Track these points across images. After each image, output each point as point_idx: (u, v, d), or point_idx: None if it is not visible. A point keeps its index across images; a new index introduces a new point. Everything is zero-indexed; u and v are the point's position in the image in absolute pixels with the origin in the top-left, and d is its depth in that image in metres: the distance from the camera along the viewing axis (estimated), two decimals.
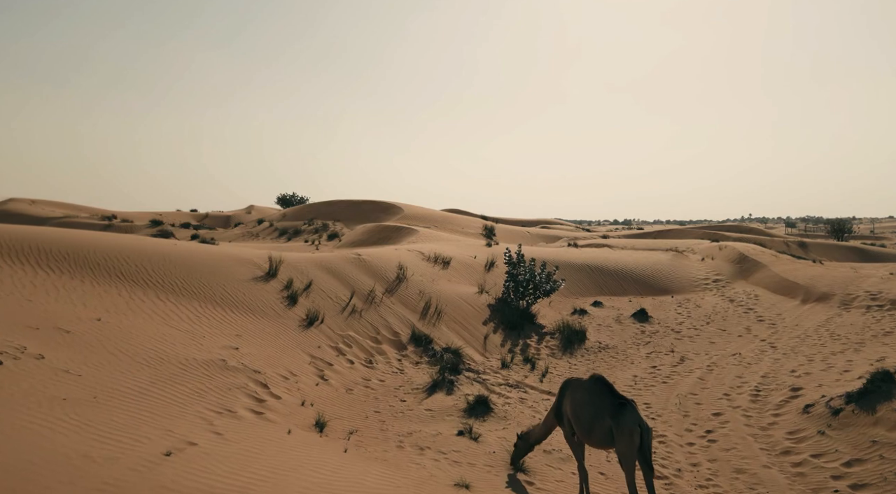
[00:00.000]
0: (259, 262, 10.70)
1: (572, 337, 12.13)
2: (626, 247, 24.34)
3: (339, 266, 11.92)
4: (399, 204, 34.72)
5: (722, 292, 16.72)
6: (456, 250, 17.44)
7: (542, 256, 18.09)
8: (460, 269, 15.08)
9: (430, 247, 16.66)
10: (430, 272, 13.70)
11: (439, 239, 20.69)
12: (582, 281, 17.41)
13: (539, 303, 14.02)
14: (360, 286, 11.47)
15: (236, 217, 50.44)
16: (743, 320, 13.63)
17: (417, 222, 31.45)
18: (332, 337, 9.37)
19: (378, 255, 13.23)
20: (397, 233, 22.20)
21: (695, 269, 19.03)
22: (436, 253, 15.08)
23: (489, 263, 16.22)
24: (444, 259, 14.98)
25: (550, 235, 37.77)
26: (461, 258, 16.03)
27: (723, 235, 35.78)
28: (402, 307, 11.34)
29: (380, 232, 23.02)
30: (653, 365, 10.67)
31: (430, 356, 9.84)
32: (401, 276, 12.42)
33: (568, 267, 17.63)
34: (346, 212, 35.60)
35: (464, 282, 14.23)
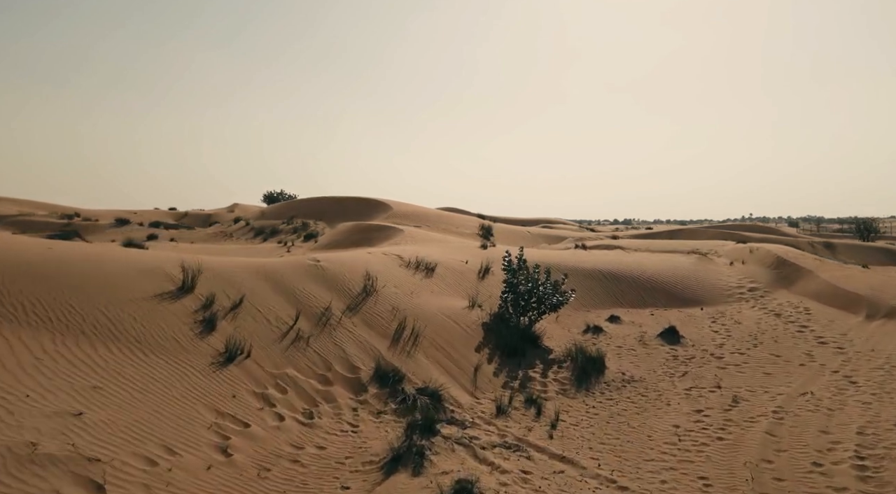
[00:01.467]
0: (173, 272, 8.11)
1: (588, 366, 9.58)
2: (641, 248, 21.80)
3: (287, 276, 9.34)
4: (387, 201, 32.16)
5: (762, 304, 14.17)
6: (445, 253, 14.88)
7: (546, 260, 15.55)
8: (448, 277, 12.52)
9: (414, 250, 14.09)
10: (408, 282, 11.13)
11: (427, 240, 18.21)
12: (594, 291, 14.85)
13: (544, 319, 11.47)
14: (313, 302, 8.90)
15: (218, 215, 47.85)
16: (799, 342, 11.07)
17: (407, 221, 28.89)
18: (261, 378, 6.80)
19: (343, 261, 10.64)
20: (380, 233, 19.65)
21: (725, 275, 16.49)
22: (418, 258, 12.51)
23: (484, 269, 13.65)
24: (428, 264, 12.40)
25: (553, 235, 35.24)
26: (450, 263, 13.46)
27: (740, 235, 33.24)
28: (367, 330, 8.77)
29: (360, 231, 20.47)
30: (697, 409, 8.10)
31: (398, 401, 7.27)
32: (368, 288, 9.85)
33: (577, 273, 15.08)
34: (330, 210, 33.02)
35: (451, 294, 11.66)
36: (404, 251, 13.48)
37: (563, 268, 15.41)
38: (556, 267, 15.49)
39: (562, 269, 15.29)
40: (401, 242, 17.51)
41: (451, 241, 17.92)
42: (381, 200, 32.11)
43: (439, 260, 13.30)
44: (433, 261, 12.63)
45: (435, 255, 13.96)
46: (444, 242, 17.62)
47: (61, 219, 34.24)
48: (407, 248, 14.57)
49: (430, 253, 14.03)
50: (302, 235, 25.42)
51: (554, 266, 15.47)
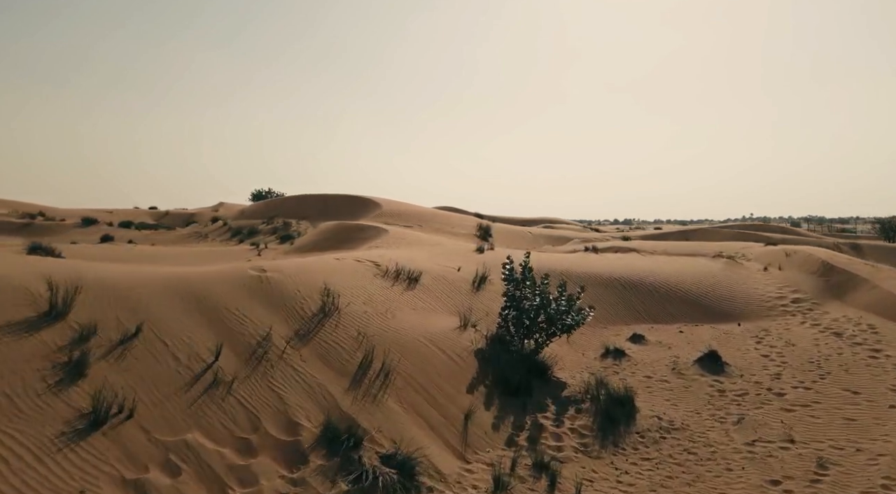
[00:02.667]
0: (41, 291, 5.90)
1: (613, 408, 7.42)
2: (657, 251, 19.64)
3: (216, 292, 7.16)
4: (377, 199, 29.97)
5: (813, 319, 12.01)
6: (434, 258, 12.70)
7: (553, 266, 13.38)
8: (435, 289, 10.34)
9: (396, 255, 11.91)
10: (383, 296, 8.94)
11: (416, 242, 16.06)
12: (611, 303, 12.69)
13: (554, 341, 9.31)
14: (247, 329, 6.71)
15: (200, 215, 45.63)
16: (877, 372, 8.91)
17: (397, 220, 26.71)
18: (142, 452, 4.61)
19: (299, 271, 8.45)
20: (362, 234, 17.47)
21: (760, 284, 14.34)
22: (399, 265, 10.33)
23: (480, 278, 11.48)
24: (410, 273, 10.22)
25: (556, 236, 33.08)
26: (438, 271, 11.29)
27: (757, 235, 31.09)
28: (320, 366, 6.59)
29: (340, 232, 18.30)
30: (773, 480, 5.92)
31: (352, 480, 5.09)
32: (327, 307, 7.67)
33: (590, 281, 12.92)
34: (315, 208, 30.81)
35: (438, 311, 9.49)
36: (384, 256, 11.29)
37: (574, 275, 13.27)
38: (566, 274, 13.33)
39: (572, 276, 13.15)
40: (383, 245, 15.34)
41: (444, 244, 15.79)
42: (369, 198, 29.91)
43: (426, 267, 11.12)
44: (417, 269, 10.45)
45: (421, 261, 11.78)
46: (435, 245, 15.48)
47: (22, 218, 31.97)
48: (388, 253, 12.39)
49: (415, 259, 11.85)
50: (279, 236, 23.26)
51: (562, 273, 13.30)
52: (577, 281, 13.00)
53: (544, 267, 13.29)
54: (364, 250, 14.04)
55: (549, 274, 9.76)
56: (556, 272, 13.29)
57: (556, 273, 13.23)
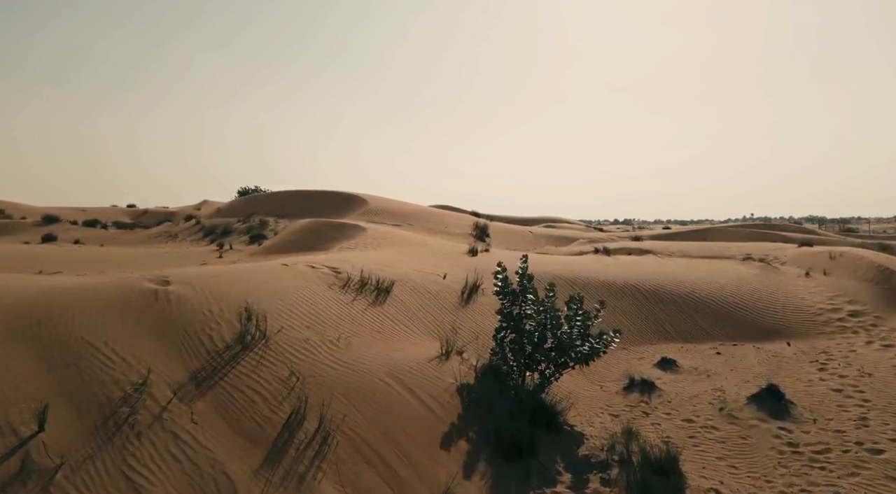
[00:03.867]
0: None
1: (652, 478, 5.30)
2: (674, 253, 17.52)
3: (74, 319, 5.01)
4: (363, 195, 27.86)
5: (881, 338, 9.91)
6: (415, 262, 10.59)
7: (559, 271, 11.29)
8: (411, 303, 8.21)
9: (369, 259, 9.79)
10: (336, 317, 6.81)
11: (399, 242, 13.95)
12: (631, 316, 10.58)
13: (566, 373, 7.20)
14: (113, 374, 4.58)
15: (182, 213, 43.51)
16: None
17: (384, 219, 24.60)
18: None
19: (215, 283, 6.31)
20: (337, 233, 15.35)
21: (806, 292, 12.22)
22: (366, 272, 8.20)
23: (470, 288, 9.37)
24: (380, 283, 8.09)
25: (559, 236, 30.97)
26: (418, 279, 9.17)
27: (777, 235, 29.02)
28: (222, 429, 4.46)
29: (313, 231, 16.17)
30: None
31: None
32: (248, 335, 5.53)
33: (605, 290, 10.82)
34: (297, 205, 28.70)
35: (413, 333, 7.37)
36: (350, 260, 9.17)
37: (584, 283, 11.16)
38: (574, 281, 11.23)
39: (582, 284, 11.05)
40: (358, 246, 13.22)
41: (431, 244, 13.69)
42: (355, 195, 27.78)
43: (403, 273, 9.01)
44: (390, 278, 8.32)
45: (399, 266, 9.67)
46: (421, 246, 13.38)
47: None
48: (359, 256, 10.27)
49: (392, 263, 9.74)
50: (248, 236, 21.15)
51: (570, 280, 11.21)
52: (588, 290, 10.91)
53: (548, 274, 11.19)
54: (333, 252, 11.99)
55: (555, 283, 7.66)
56: (563, 279, 11.19)
57: (563, 280, 11.13)
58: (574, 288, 10.96)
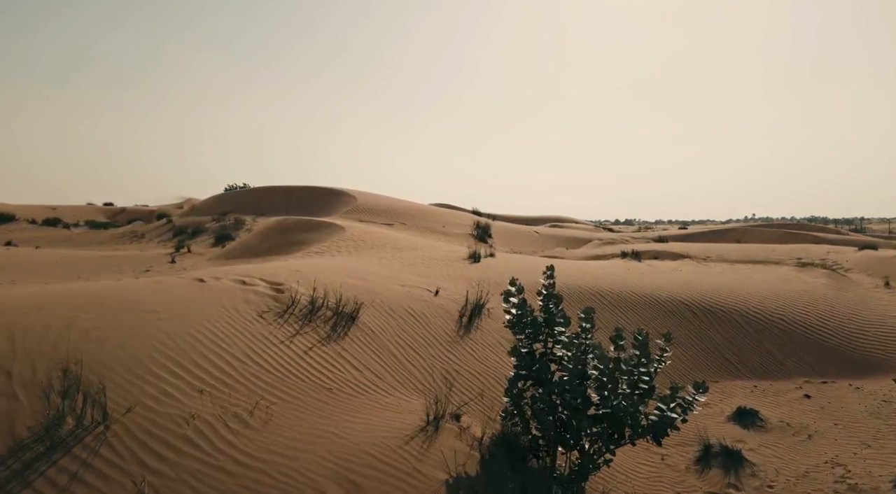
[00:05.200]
0: None
1: None
2: (712, 257, 15.09)
3: None
4: (351, 191, 25.46)
5: None
6: (398, 272, 8.16)
7: (580, 282, 8.89)
8: (386, 334, 5.77)
9: (333, 269, 7.36)
10: (259, 365, 4.36)
11: (383, 245, 11.47)
12: (682, 340, 8.18)
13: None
14: None
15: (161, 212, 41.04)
16: None
17: (374, 217, 22.19)
18: None
19: (53, 315, 3.84)
20: (309, 233, 12.90)
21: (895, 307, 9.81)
22: (323, 289, 5.76)
23: (471, 309, 6.94)
24: (341, 305, 5.65)
25: (568, 236, 28.54)
26: (400, 297, 6.73)
27: (810, 235, 26.64)
28: None
29: (283, 232, 13.73)
30: None
31: None
32: (64, 420, 3.06)
33: (648, 307, 8.42)
34: (279, 202, 26.29)
35: (385, 385, 4.93)
36: (307, 270, 6.74)
37: (616, 297, 8.78)
38: (603, 294, 8.83)
39: (618, 300, 8.67)
40: (330, 249, 10.77)
41: (423, 248, 11.25)
42: (342, 190, 25.34)
43: (378, 289, 6.58)
44: (358, 296, 5.90)
45: (374, 278, 7.25)
46: (410, 250, 10.95)
47: None
48: (323, 264, 7.83)
49: (365, 275, 7.31)
50: (213, 237, 18.74)
51: (598, 292, 8.81)
52: (626, 309, 8.51)
53: (571, 286, 8.79)
54: (296, 258, 9.58)
55: (585, 300, 5.25)
56: (593, 293, 8.79)
57: (593, 295, 8.74)
58: (608, 307, 8.55)
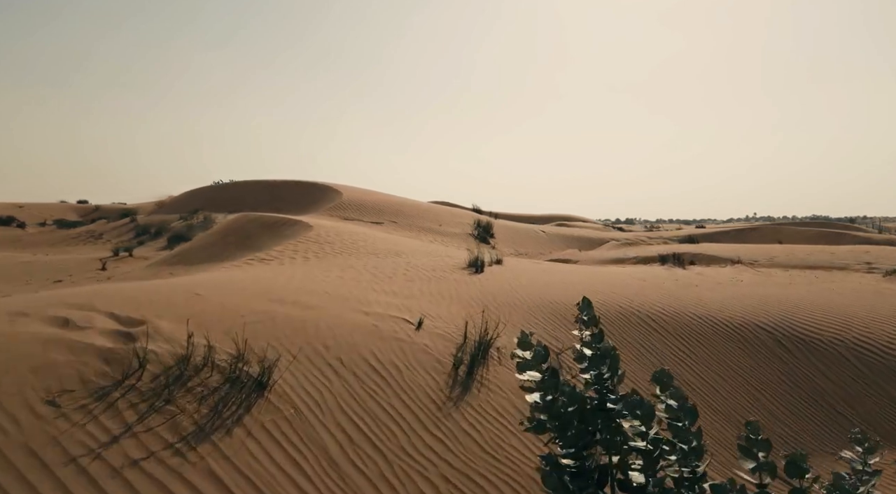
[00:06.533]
0: None
1: None
2: (760, 261, 12.67)
3: None
4: (336, 185, 23.07)
5: None
6: (365, 290, 5.72)
7: (628, 301, 6.44)
8: (326, 411, 3.34)
9: (263, 284, 4.90)
10: None
11: (357, 249, 9.00)
12: (773, 387, 5.72)
13: None
14: None
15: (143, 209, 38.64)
16: None
17: (361, 214, 19.79)
18: None
19: None
20: (269, 233, 10.46)
21: None
22: (209, 328, 3.30)
23: (472, 350, 4.49)
24: (239, 365, 3.20)
25: (577, 236, 26.11)
26: (358, 333, 4.29)
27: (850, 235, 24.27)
28: None
29: (239, 231, 11.27)
30: None
31: None
32: None
33: (719, 337, 5.98)
34: (257, 198, 23.90)
35: None
36: (212, 290, 4.30)
37: (679, 324, 6.38)
38: (660, 321, 6.43)
39: (675, 327, 6.26)
40: (283, 254, 8.23)
41: (408, 253, 8.80)
42: (327, 185, 22.92)
43: (322, 324, 4.16)
44: (282, 340, 3.45)
45: (321, 301, 4.83)
46: (393, 255, 8.52)
47: None
48: (252, 278, 5.41)
49: (312, 295, 4.89)
50: (167, 238, 16.39)
51: (651, 319, 6.42)
52: (681, 334, 6.13)
53: (608, 304, 6.42)
54: (225, 269, 7.18)
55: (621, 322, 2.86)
56: (640, 317, 6.40)
57: (636, 317, 6.35)
58: (663, 335, 6.15)
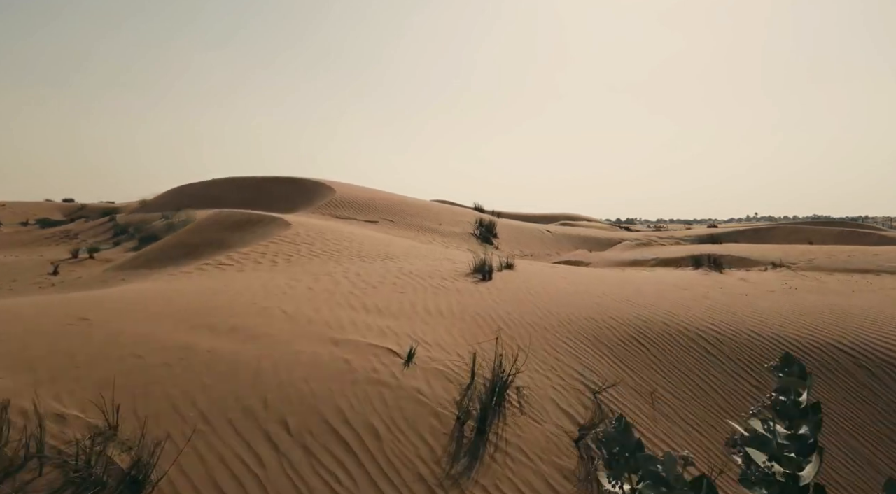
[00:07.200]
0: None
1: None
2: (797, 265, 11.33)
3: None
4: (329, 182, 21.75)
5: None
6: (332, 311, 4.37)
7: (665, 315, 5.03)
8: None
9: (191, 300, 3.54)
10: None
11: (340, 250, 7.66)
12: (870, 431, 4.31)
13: None
14: None
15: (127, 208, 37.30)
16: None
17: (355, 212, 18.46)
18: None
19: None
20: (246, 231, 9.07)
21: None
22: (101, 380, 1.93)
23: (484, 395, 3.14)
24: (95, 450, 1.86)
25: (584, 236, 24.74)
26: (319, 377, 2.95)
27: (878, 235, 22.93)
28: None
29: (213, 229, 9.90)
30: None
31: None
32: None
33: None
34: (244, 195, 22.56)
35: None
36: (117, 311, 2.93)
37: (737, 344, 5.03)
38: (713, 339, 5.09)
39: (730, 347, 4.90)
40: (247, 257, 6.68)
41: (401, 256, 7.46)
42: (318, 181, 21.60)
43: (266, 364, 2.82)
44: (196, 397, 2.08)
45: (271, 327, 3.49)
46: (382, 258, 7.20)
47: None
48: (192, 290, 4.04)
49: (261, 317, 3.56)
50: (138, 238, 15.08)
51: (706, 335, 5.07)
52: (743, 358, 4.82)
53: (649, 319, 5.08)
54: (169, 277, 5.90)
55: None
56: (682, 334, 5.08)
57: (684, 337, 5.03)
58: (719, 360, 4.84)
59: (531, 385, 3.69)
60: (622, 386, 4.38)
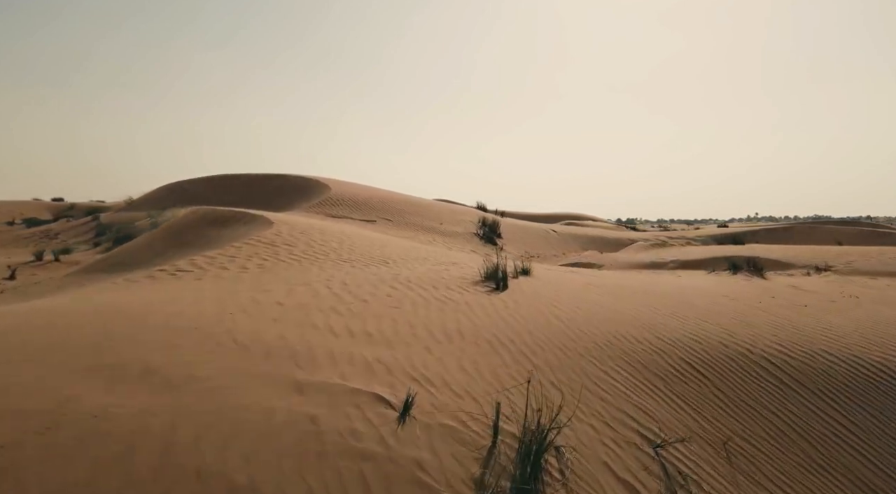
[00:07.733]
0: None
1: None
2: (838, 268, 10.32)
3: None
4: (324, 179, 20.74)
5: None
6: (302, 337, 3.35)
7: (721, 333, 3.94)
8: None
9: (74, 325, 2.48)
10: None
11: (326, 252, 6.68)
12: None
13: None
14: None
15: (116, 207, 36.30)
16: None
17: (351, 211, 17.43)
18: None
19: None
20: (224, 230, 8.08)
21: None
22: None
23: (511, 480, 2.09)
24: None
25: (591, 237, 23.73)
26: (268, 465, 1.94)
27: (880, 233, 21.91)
28: None
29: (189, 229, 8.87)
30: None
31: None
32: None
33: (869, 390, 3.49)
34: (235, 193, 21.55)
35: None
36: None
37: (813, 370, 3.96)
38: (782, 363, 4.03)
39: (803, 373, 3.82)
40: (214, 262, 5.70)
41: (397, 261, 6.46)
42: (313, 178, 20.59)
43: (176, 428, 1.80)
44: None
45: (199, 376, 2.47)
46: (373, 264, 6.18)
47: None
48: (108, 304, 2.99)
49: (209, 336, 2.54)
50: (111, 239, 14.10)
51: (773, 359, 4.01)
52: (822, 390, 3.76)
53: (703, 338, 4.02)
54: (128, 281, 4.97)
55: None
56: (745, 356, 4.05)
57: (748, 360, 4.00)
58: (792, 390, 3.84)
59: (574, 441, 2.69)
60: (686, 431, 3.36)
